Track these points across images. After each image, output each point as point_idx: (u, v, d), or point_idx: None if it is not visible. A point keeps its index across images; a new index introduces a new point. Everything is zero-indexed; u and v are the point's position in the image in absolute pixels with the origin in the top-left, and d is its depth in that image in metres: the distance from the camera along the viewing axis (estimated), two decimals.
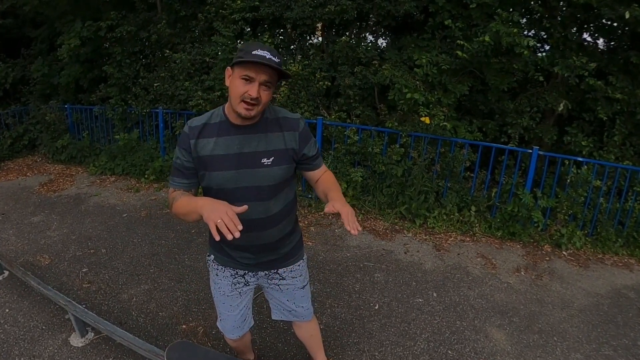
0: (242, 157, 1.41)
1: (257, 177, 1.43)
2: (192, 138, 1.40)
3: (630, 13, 4.10)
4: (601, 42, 5.00)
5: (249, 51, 1.27)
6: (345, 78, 4.47)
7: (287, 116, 1.48)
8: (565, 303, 3.25)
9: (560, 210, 4.03)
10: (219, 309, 1.79)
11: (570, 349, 2.72)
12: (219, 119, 1.42)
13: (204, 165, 1.41)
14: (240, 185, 1.42)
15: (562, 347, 2.72)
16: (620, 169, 4.16)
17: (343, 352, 2.46)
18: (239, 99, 1.31)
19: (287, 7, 4.85)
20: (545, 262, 3.81)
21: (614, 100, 4.22)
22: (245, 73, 1.27)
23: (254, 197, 1.43)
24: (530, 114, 4.24)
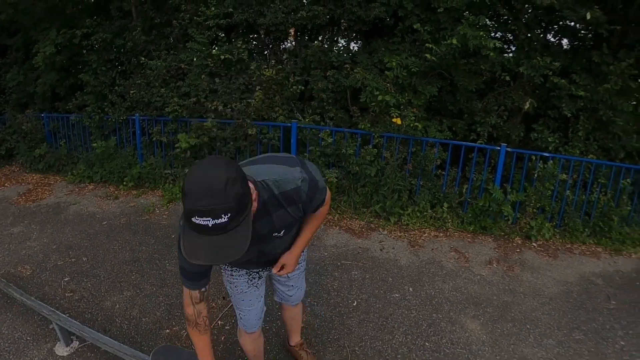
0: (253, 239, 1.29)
1: (271, 245, 1.47)
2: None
3: (591, 14, 4.23)
4: (565, 43, 5.14)
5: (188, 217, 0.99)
6: (318, 82, 4.49)
7: (286, 189, 1.28)
8: (536, 292, 3.32)
9: (529, 204, 4.12)
10: (240, 307, 1.77)
11: (542, 335, 2.79)
12: None
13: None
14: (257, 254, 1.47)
15: (534, 334, 2.79)
16: (585, 162, 4.28)
17: (324, 348, 2.46)
18: None
19: (260, 13, 4.86)
20: (516, 254, 3.88)
21: (578, 97, 4.33)
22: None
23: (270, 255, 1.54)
24: (498, 112, 4.33)
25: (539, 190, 4.10)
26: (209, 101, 4.84)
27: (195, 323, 1.44)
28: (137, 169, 5.28)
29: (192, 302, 1.41)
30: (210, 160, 1.06)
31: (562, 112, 4.30)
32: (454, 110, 4.47)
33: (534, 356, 2.56)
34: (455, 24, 4.28)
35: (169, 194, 4.90)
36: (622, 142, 4.49)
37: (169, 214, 4.57)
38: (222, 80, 4.92)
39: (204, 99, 4.89)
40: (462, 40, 4.03)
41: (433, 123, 4.33)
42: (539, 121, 4.48)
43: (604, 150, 4.51)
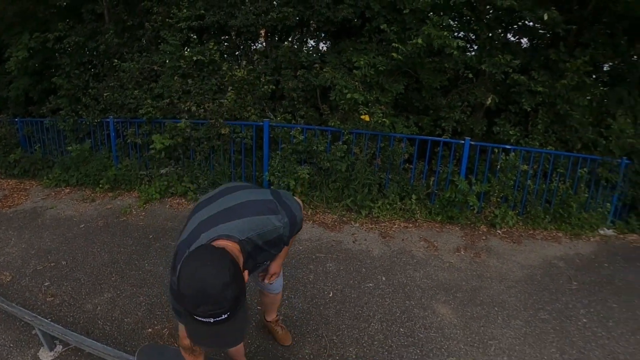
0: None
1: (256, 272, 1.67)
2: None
3: (548, 15, 4.39)
4: (525, 41, 5.32)
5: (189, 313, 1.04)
6: (289, 81, 4.53)
7: (269, 239, 1.34)
8: (502, 276, 3.43)
9: (493, 194, 4.24)
10: None
11: (510, 316, 2.89)
12: None
13: None
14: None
15: (502, 316, 2.88)
16: (544, 153, 4.44)
17: (303, 339, 2.49)
18: None
19: (232, 15, 4.87)
20: (482, 241, 4.00)
21: (537, 93, 4.48)
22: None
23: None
24: (462, 108, 4.44)
25: (502, 180, 4.23)
26: (182, 102, 4.82)
27: (191, 350, 1.49)
28: (113, 171, 5.21)
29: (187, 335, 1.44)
30: (202, 261, 1.05)
31: (522, 107, 4.44)
32: (419, 106, 4.57)
33: (502, 336, 2.66)
34: (420, 25, 4.37)
35: (145, 194, 4.85)
36: (579, 134, 4.66)
37: (146, 215, 4.52)
38: (194, 81, 4.90)
39: (177, 100, 4.87)
40: (427, 40, 4.12)
41: (400, 119, 4.41)
42: (501, 116, 4.62)
43: (562, 141, 4.68)
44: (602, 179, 4.56)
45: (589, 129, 4.68)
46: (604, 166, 4.57)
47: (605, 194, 4.66)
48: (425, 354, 2.46)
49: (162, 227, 4.20)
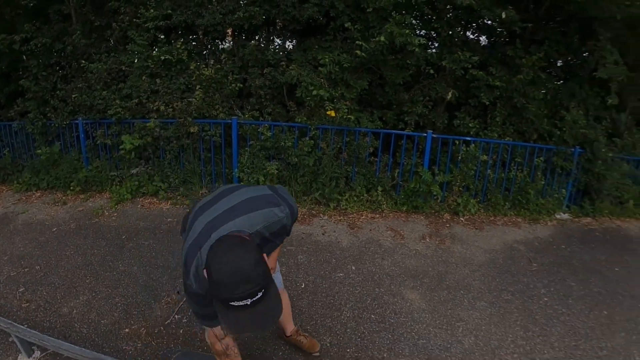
0: None
1: None
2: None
3: (506, 14, 4.52)
4: (484, 39, 5.46)
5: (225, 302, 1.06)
6: (256, 79, 4.53)
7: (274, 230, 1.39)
8: (466, 261, 3.54)
9: (455, 183, 4.35)
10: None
11: (475, 298, 2.98)
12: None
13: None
14: None
15: (468, 298, 2.98)
16: (502, 144, 4.58)
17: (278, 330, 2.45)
18: None
19: (199, 14, 4.83)
20: (446, 229, 4.10)
21: (494, 87, 4.62)
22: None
23: None
24: (423, 102, 4.54)
25: (463, 170, 4.34)
26: (150, 102, 4.75)
27: (225, 355, 1.46)
28: (84, 173, 5.08)
29: (217, 339, 1.43)
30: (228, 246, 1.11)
31: (481, 101, 4.57)
32: (383, 101, 4.64)
33: (469, 318, 2.75)
34: (383, 23, 4.43)
35: (117, 195, 4.75)
36: (535, 126, 4.83)
37: (118, 216, 4.44)
38: (162, 80, 4.84)
39: (146, 99, 4.80)
40: (390, 38, 4.18)
41: (365, 114, 4.47)
42: (461, 109, 4.74)
43: (519, 133, 4.83)
44: (557, 167, 4.75)
45: (544, 120, 4.85)
46: (558, 155, 4.75)
47: (560, 181, 4.85)
48: (397, 338, 2.51)
49: (134, 227, 4.14)
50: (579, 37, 5.18)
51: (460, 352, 2.42)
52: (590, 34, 4.99)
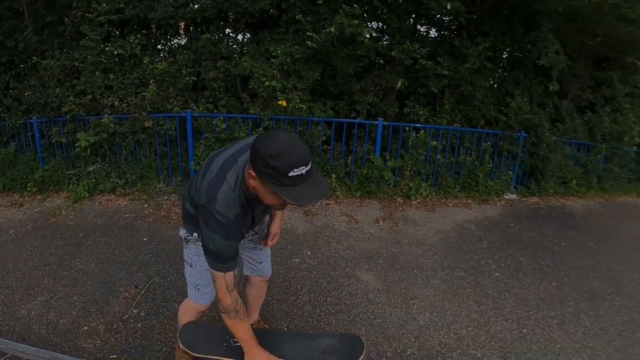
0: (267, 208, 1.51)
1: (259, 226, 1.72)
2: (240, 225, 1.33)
3: (451, 5, 4.59)
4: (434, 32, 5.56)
5: (284, 173, 1.08)
6: (209, 72, 4.47)
7: None
8: (419, 242, 3.60)
9: (406, 168, 4.42)
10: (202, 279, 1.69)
11: (429, 277, 3.03)
12: (247, 196, 1.31)
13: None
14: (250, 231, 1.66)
15: (422, 277, 3.02)
16: (451, 130, 4.68)
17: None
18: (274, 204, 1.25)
19: (151, 8, 4.72)
20: (399, 212, 4.16)
21: (442, 76, 4.69)
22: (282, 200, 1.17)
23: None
24: (374, 92, 4.58)
25: (414, 156, 4.41)
26: (104, 97, 4.61)
27: (235, 311, 1.36)
28: (40, 173, 4.89)
29: (228, 291, 1.34)
30: (272, 132, 1.27)
31: (430, 89, 4.64)
32: (335, 92, 4.67)
33: (423, 295, 2.80)
34: (334, 15, 4.43)
35: (74, 194, 4.60)
36: (482, 112, 4.96)
37: (76, 214, 4.30)
38: (116, 75, 4.71)
39: (100, 95, 4.66)
40: (340, 29, 4.18)
41: (317, 104, 4.48)
42: (411, 98, 4.81)
43: (467, 119, 4.96)
44: (504, 151, 4.89)
45: (490, 107, 4.99)
46: (505, 139, 4.90)
47: (507, 164, 5.01)
48: (353, 319, 2.52)
49: (92, 225, 4.02)
50: (524, 29, 5.34)
51: (416, 329, 2.46)
52: (534, 26, 5.14)
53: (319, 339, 1.58)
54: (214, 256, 1.29)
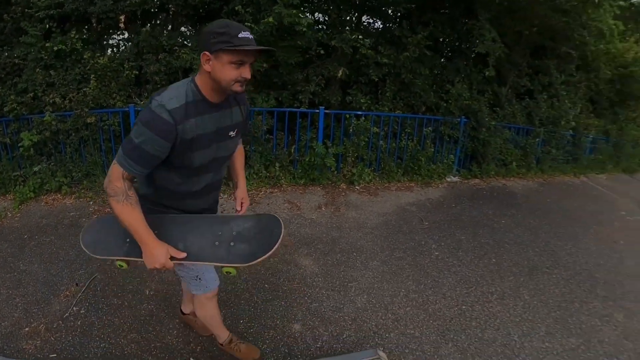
0: (218, 133, 1.33)
1: (225, 149, 1.40)
2: (179, 123, 1.18)
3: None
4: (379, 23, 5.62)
5: (234, 35, 1.13)
6: (151, 65, 4.37)
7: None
8: (360, 225, 3.58)
9: (348, 155, 4.45)
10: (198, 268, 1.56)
11: (368, 259, 3.01)
12: (195, 97, 1.24)
13: (186, 148, 1.24)
14: (213, 158, 1.35)
15: (361, 259, 3.00)
16: (392, 117, 4.75)
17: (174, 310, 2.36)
18: (233, 82, 1.20)
19: (91, 2, 4.57)
20: (342, 197, 4.16)
21: (383, 65, 4.75)
22: (238, 59, 1.17)
23: (219, 166, 1.43)
24: (317, 81, 4.59)
25: (355, 142, 4.44)
26: (46, 95, 4.44)
27: (126, 195, 1.22)
28: None
29: (122, 177, 1.21)
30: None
31: (371, 78, 4.68)
32: (279, 82, 4.64)
33: (362, 277, 2.77)
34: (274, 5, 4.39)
35: (20, 195, 4.40)
36: (423, 99, 5.05)
37: (21, 216, 4.11)
38: (58, 72, 4.54)
39: (42, 93, 4.48)
40: (278, 19, 4.15)
41: (261, 95, 4.45)
42: (354, 87, 4.84)
43: (408, 106, 5.04)
44: (445, 136, 5.00)
45: (430, 94, 5.09)
46: (445, 125, 5.01)
47: (449, 148, 5.12)
48: (289, 304, 2.47)
49: (37, 226, 3.86)
50: (464, 19, 5.46)
51: (353, 311, 2.42)
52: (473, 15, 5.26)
53: (232, 222, 1.36)
54: (129, 148, 1.18)
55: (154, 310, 2.34)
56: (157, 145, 1.16)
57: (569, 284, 3.12)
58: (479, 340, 2.29)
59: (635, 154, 7.79)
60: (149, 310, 2.34)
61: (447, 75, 5.32)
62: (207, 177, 1.39)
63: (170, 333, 2.17)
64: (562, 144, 6.20)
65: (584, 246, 3.98)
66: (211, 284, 1.62)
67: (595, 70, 7.09)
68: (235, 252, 1.31)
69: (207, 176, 1.38)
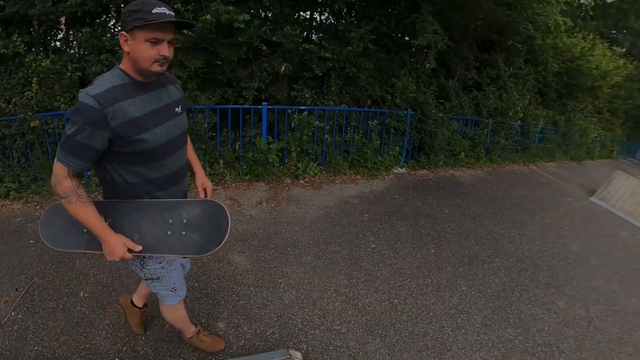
0: (163, 111, 1.27)
1: (177, 126, 1.33)
2: (106, 107, 1.10)
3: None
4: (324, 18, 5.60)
5: (147, 11, 1.07)
6: (93, 66, 4.27)
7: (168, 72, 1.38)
8: (299, 219, 3.46)
9: (292, 149, 4.42)
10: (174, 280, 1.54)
11: (301, 254, 2.89)
12: (123, 80, 1.18)
13: (129, 132, 1.16)
14: (168, 139, 1.28)
15: (294, 254, 2.88)
16: (337, 111, 4.72)
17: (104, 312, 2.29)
18: (151, 62, 1.13)
19: (31, 4, 4.45)
20: (285, 192, 4.06)
21: (327, 59, 4.73)
22: (152, 36, 1.09)
23: (178, 147, 1.35)
24: (261, 77, 4.55)
25: (296, 137, 4.41)
26: None
27: (76, 195, 1.17)
28: None
29: (68, 175, 1.16)
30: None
31: (315, 72, 4.65)
32: (223, 80, 4.59)
33: (293, 273, 2.67)
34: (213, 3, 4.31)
35: None
36: (368, 93, 5.06)
37: None
38: (1, 76, 4.43)
39: None
40: (215, 16, 4.09)
41: (205, 93, 4.40)
42: (299, 82, 4.82)
43: (354, 100, 5.03)
44: (391, 128, 5.01)
45: (376, 87, 5.08)
46: (392, 117, 5.02)
47: (396, 140, 5.14)
48: (217, 302, 2.37)
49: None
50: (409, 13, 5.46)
51: (279, 308, 2.33)
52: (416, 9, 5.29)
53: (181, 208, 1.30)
54: (64, 143, 1.13)
55: (86, 313, 2.26)
56: (87, 134, 1.10)
57: (510, 272, 3.06)
58: (409, 335, 2.20)
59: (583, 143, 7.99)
60: (82, 312, 2.26)
61: (393, 69, 5.33)
62: (169, 162, 1.31)
63: (100, 334, 2.11)
64: (511, 134, 6.29)
65: (529, 233, 3.97)
66: (184, 291, 1.62)
67: (543, 64, 7.23)
68: (188, 241, 1.28)
69: (168, 161, 1.30)
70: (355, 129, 4.75)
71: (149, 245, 1.28)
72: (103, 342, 2.05)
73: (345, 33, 4.89)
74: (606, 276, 3.39)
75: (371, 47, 4.93)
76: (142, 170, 1.25)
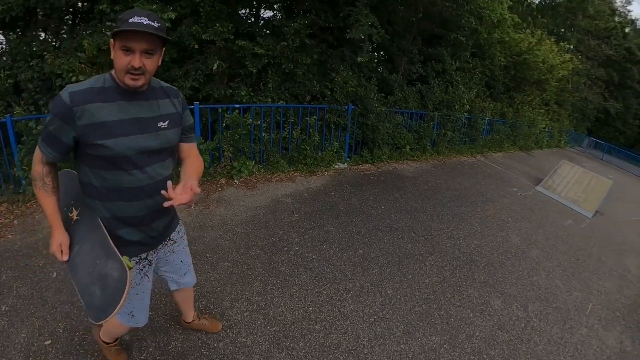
0: (137, 122, 1.19)
1: (155, 139, 1.23)
2: (77, 105, 1.08)
3: None
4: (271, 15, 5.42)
5: (125, 19, 1.04)
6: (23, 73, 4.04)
7: (168, 85, 1.32)
8: (224, 222, 3.20)
9: (226, 148, 4.23)
10: (133, 305, 1.46)
11: (219, 260, 2.64)
12: (107, 83, 1.14)
13: (95, 134, 1.11)
14: (138, 150, 1.19)
15: (212, 261, 2.63)
16: (274, 107, 4.52)
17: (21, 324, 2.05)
18: (124, 72, 1.09)
19: None
20: (217, 193, 3.81)
21: (261, 55, 4.55)
22: (125, 44, 1.05)
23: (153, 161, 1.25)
24: (195, 76, 4.37)
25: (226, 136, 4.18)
26: None
27: (42, 182, 1.20)
28: None
29: (41, 162, 1.19)
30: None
31: (249, 69, 4.48)
32: None
33: (206, 281, 2.41)
34: None
35: None
36: (307, 88, 4.91)
37: None
38: None
39: None
40: None
41: None
42: (236, 79, 4.64)
43: (293, 96, 4.88)
44: (331, 123, 4.87)
45: (314, 83, 4.93)
46: (332, 112, 4.88)
47: (338, 135, 5.00)
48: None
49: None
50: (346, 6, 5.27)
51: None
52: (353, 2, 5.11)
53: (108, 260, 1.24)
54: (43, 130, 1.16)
55: (5, 326, 2.04)
56: (57, 126, 1.11)
57: (444, 271, 2.86)
58: (319, 347, 1.99)
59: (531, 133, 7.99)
60: (1, 325, 2.04)
61: (332, 64, 5.19)
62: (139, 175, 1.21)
63: (15, 348, 1.90)
64: (457, 126, 6.22)
65: (468, 227, 3.80)
66: (141, 322, 1.54)
67: (490, 58, 7.19)
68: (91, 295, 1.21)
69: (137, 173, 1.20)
70: (293, 125, 4.59)
71: (73, 265, 1.27)
72: (17, 356, 1.84)
73: (280, 28, 4.73)
74: (547, 270, 3.24)
75: (307, 42, 4.78)
76: (107, 175, 1.20)
